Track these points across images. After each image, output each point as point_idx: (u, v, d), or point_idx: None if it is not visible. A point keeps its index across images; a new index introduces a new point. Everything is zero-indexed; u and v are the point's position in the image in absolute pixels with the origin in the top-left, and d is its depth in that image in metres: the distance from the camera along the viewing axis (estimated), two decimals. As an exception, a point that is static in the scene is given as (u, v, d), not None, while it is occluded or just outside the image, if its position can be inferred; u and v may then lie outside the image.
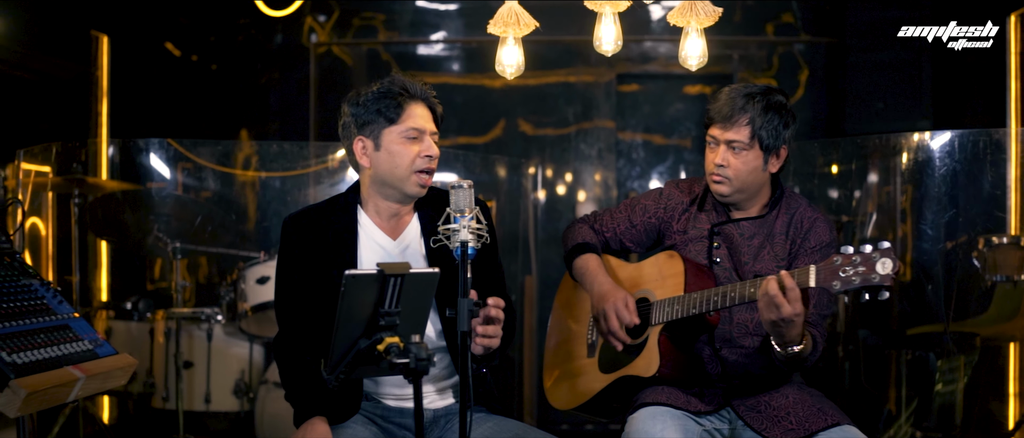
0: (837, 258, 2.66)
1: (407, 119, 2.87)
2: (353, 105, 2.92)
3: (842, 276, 2.64)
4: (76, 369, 2.87)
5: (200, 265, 6.12)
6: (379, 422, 2.97)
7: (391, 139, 2.88)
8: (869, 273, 2.60)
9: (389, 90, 2.88)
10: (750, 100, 3.10)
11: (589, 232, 3.47)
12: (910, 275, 5.78)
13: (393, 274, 2.32)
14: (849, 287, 2.63)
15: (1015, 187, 5.71)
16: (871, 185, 5.99)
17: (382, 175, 2.93)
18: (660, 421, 2.92)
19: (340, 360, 2.40)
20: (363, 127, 2.89)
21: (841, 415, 2.99)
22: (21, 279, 3.06)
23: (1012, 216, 5.74)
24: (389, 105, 2.86)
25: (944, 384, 5.34)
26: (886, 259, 2.58)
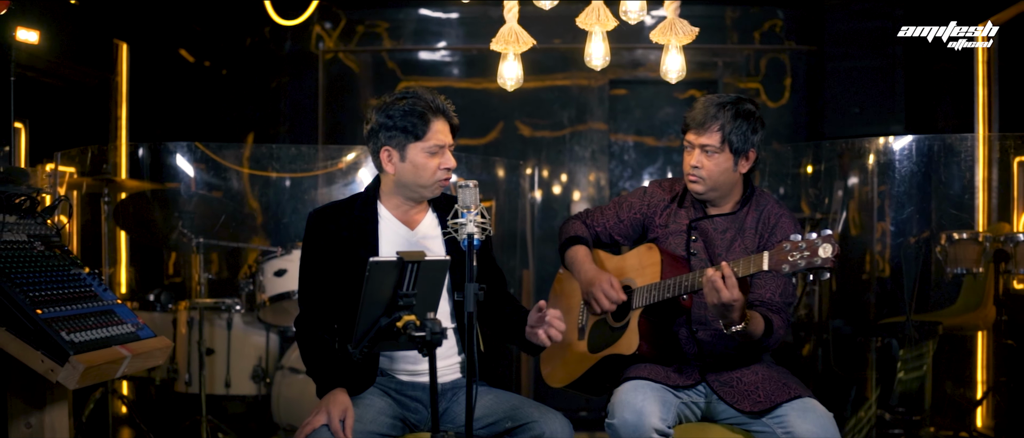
0: (786, 245, 3.00)
1: (431, 137, 3.22)
2: (381, 115, 3.24)
3: (790, 260, 2.98)
4: (123, 348, 3.17)
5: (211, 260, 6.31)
6: (393, 395, 3.31)
7: (415, 153, 3.24)
8: (813, 256, 2.94)
9: (415, 108, 3.21)
10: (721, 109, 3.44)
11: (581, 227, 3.79)
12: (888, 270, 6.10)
13: (411, 261, 2.67)
14: (796, 269, 2.98)
15: (982, 188, 6.04)
16: (841, 185, 6.26)
17: (405, 182, 3.29)
18: (641, 393, 3.24)
19: (364, 336, 2.74)
20: (390, 139, 3.23)
21: (803, 389, 3.32)
22: (71, 269, 3.35)
23: (980, 215, 6.06)
24: (416, 123, 3.20)
25: (907, 372, 5.60)
26: (827, 244, 2.93)
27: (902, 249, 5.90)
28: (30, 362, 2.92)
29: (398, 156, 3.26)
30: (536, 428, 3.14)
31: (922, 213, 5.94)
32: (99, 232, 5.43)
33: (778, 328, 3.34)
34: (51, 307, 3.03)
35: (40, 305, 2.99)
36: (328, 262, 3.31)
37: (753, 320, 3.20)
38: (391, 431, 3.21)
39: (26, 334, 2.92)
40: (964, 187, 6.03)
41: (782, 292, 3.42)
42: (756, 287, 3.41)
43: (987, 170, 6.05)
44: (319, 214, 3.38)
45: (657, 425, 3.18)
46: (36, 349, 2.91)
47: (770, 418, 3.27)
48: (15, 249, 3.16)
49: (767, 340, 3.31)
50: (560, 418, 3.22)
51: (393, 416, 3.25)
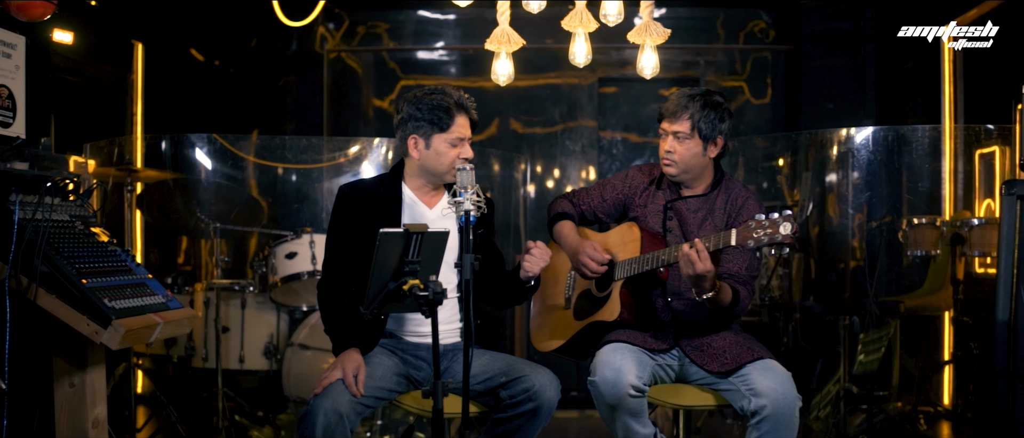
0: (751, 223, 3.36)
1: (454, 130, 3.65)
2: (412, 107, 3.66)
3: (755, 236, 3.34)
4: (156, 316, 3.49)
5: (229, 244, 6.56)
6: (399, 354, 3.72)
7: (439, 142, 3.66)
8: (775, 233, 3.31)
9: (442, 104, 3.63)
10: (691, 100, 3.81)
11: (568, 205, 4.16)
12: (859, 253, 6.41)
13: (415, 232, 3.04)
14: (760, 244, 3.34)
15: (949, 178, 6.38)
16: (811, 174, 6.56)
17: (427, 167, 3.71)
18: (620, 353, 3.59)
19: (374, 299, 3.10)
20: (418, 128, 3.66)
21: (765, 351, 3.69)
22: (108, 246, 3.67)
23: (946, 203, 6.40)
24: (442, 117, 3.63)
25: (867, 354, 5.93)
26: (787, 223, 3.29)
27: (861, 232, 6.24)
28: (77, 325, 3.22)
29: (424, 144, 3.68)
30: (527, 381, 3.54)
31: (887, 200, 6.22)
32: (120, 219, 5.73)
33: (744, 297, 3.72)
34: (94, 278, 3.32)
35: (84, 276, 3.29)
36: (353, 233, 3.69)
37: (722, 290, 3.57)
38: (397, 387, 3.62)
39: (73, 301, 3.22)
40: (928, 176, 6.30)
41: (748, 266, 3.79)
42: (725, 262, 3.77)
43: (953, 161, 6.38)
44: (349, 189, 3.77)
45: (634, 382, 3.50)
46: (82, 314, 3.21)
47: (735, 377, 3.61)
48: (60, 227, 3.45)
49: (735, 307, 3.68)
50: (549, 373, 3.61)
51: (399, 374, 3.64)
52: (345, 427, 3.35)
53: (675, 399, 3.72)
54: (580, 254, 3.94)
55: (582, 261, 3.94)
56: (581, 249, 3.95)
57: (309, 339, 5.52)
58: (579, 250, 3.95)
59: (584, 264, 3.93)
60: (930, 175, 6.37)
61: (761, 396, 3.49)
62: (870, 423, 5.62)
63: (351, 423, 3.39)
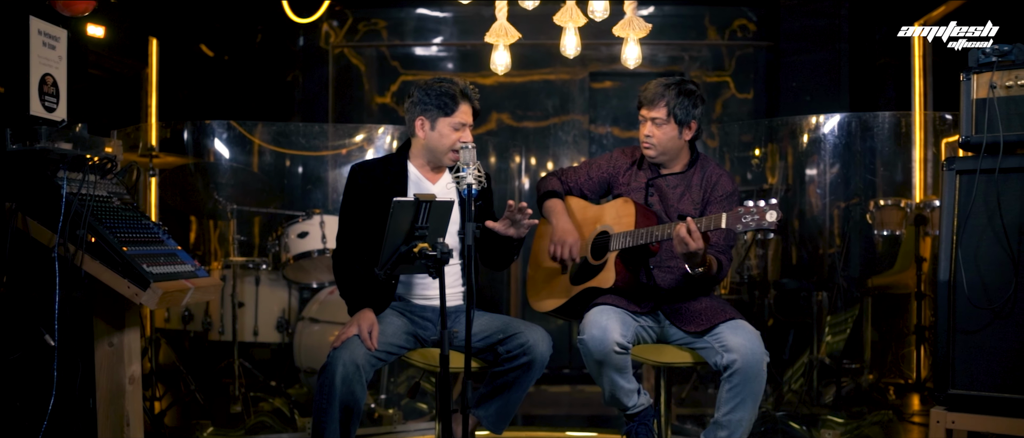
0: (741, 209, 3.68)
1: (458, 115, 4.06)
2: (421, 92, 4.06)
3: (744, 221, 3.67)
4: (187, 282, 3.81)
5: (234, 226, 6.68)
6: (408, 315, 4.11)
7: (443, 125, 4.07)
8: (762, 219, 3.65)
9: (449, 91, 4.03)
10: (667, 88, 4.15)
11: (557, 183, 4.50)
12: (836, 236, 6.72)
13: (425, 201, 3.40)
14: (747, 228, 3.68)
15: (919, 164, 6.74)
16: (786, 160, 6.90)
17: (430, 147, 4.11)
18: (606, 314, 3.92)
19: (388, 260, 3.47)
20: (425, 111, 4.07)
21: (736, 313, 4.04)
22: (142, 220, 3.99)
23: (917, 189, 6.74)
24: (447, 102, 4.04)
25: (833, 335, 6.25)
26: (772, 211, 3.63)
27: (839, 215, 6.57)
28: (119, 288, 3.54)
29: (429, 125, 4.08)
30: (522, 337, 3.94)
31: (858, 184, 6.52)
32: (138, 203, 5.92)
33: (725, 264, 4.10)
34: (132, 247, 3.64)
35: (125, 244, 3.61)
36: (364, 207, 4.06)
37: (710, 263, 3.94)
38: (406, 344, 4.01)
39: (115, 266, 3.55)
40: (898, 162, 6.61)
41: (725, 237, 4.15)
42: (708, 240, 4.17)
43: (923, 150, 6.73)
44: (360, 168, 4.16)
45: (619, 339, 3.84)
46: (123, 278, 3.54)
47: (710, 336, 3.96)
48: (102, 202, 3.78)
49: (719, 275, 4.07)
50: (541, 330, 4.01)
51: (408, 332, 4.03)
52: (361, 376, 3.74)
53: (656, 357, 4.04)
54: (563, 240, 4.28)
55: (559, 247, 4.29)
56: (565, 238, 4.29)
57: (319, 313, 5.79)
58: (564, 238, 4.29)
59: (561, 250, 4.28)
60: (900, 161, 6.65)
61: (732, 352, 3.83)
62: (840, 394, 5.95)
63: (366, 373, 3.77)
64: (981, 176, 3.82)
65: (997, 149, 3.78)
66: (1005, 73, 3.80)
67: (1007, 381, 3.75)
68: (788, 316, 6.32)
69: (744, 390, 3.84)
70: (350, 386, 3.71)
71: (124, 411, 3.89)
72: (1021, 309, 3.73)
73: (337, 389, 3.70)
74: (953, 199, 3.86)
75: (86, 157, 3.79)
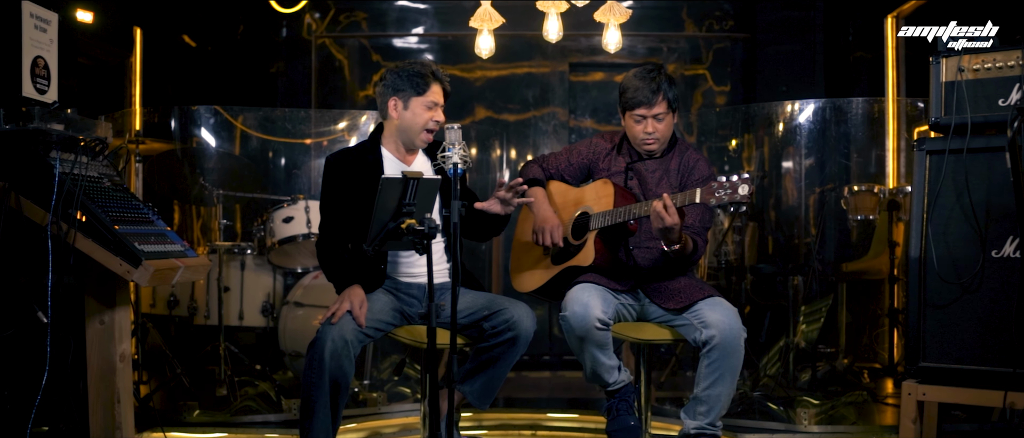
0: (714, 184, 3.77)
1: (430, 94, 4.15)
2: (393, 75, 4.15)
3: (717, 195, 3.75)
4: (177, 261, 3.86)
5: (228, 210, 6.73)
6: (394, 293, 4.19)
7: (416, 105, 4.15)
8: (734, 194, 3.73)
9: (421, 72, 4.13)
10: (655, 80, 4.19)
11: (538, 169, 4.58)
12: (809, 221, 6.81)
13: (412, 178, 3.48)
14: (721, 203, 3.77)
15: (892, 152, 6.85)
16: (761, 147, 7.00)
17: (404, 127, 4.19)
18: (587, 292, 4.02)
19: (376, 236, 3.53)
20: (398, 92, 4.15)
21: (714, 291, 4.15)
22: (132, 200, 4.03)
23: (890, 179, 6.83)
24: (419, 82, 4.13)
25: (808, 324, 6.35)
26: (744, 185, 3.72)
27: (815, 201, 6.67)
28: (111, 265, 3.58)
29: (402, 105, 4.16)
30: (506, 313, 4.03)
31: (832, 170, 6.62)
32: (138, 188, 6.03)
33: (701, 246, 4.17)
34: (124, 226, 3.69)
35: (116, 223, 3.65)
36: (343, 194, 4.14)
37: (686, 242, 4.02)
38: (393, 320, 4.10)
39: (107, 244, 3.59)
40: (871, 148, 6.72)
41: (701, 218, 4.24)
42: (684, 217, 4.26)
43: (896, 139, 6.84)
44: (335, 157, 4.24)
45: (600, 316, 3.93)
46: (115, 255, 3.58)
47: (689, 313, 4.06)
48: (93, 182, 3.82)
49: (694, 256, 4.14)
50: (525, 307, 4.09)
51: (395, 309, 4.12)
52: (349, 351, 3.82)
53: (636, 334, 4.13)
54: (546, 227, 4.36)
55: (542, 234, 4.37)
56: (547, 225, 4.36)
57: (304, 298, 5.81)
58: (546, 224, 4.36)
59: (543, 236, 4.36)
60: (874, 149, 6.74)
61: (710, 327, 3.93)
62: (816, 377, 6.06)
63: (354, 349, 3.84)
64: (950, 156, 3.95)
65: (965, 130, 3.91)
66: (973, 57, 3.91)
67: (975, 354, 3.87)
68: (764, 300, 6.41)
69: (723, 365, 3.94)
70: (339, 361, 3.79)
71: (115, 388, 3.95)
72: (988, 284, 3.86)
73: (326, 363, 3.77)
74: (923, 178, 3.99)
75: (78, 138, 3.84)
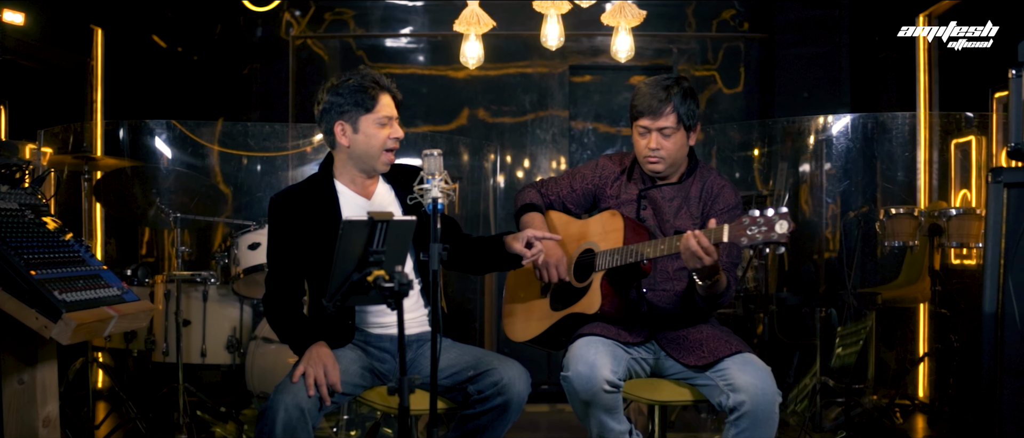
0: (745, 219, 3.21)
1: (380, 109, 3.53)
2: (333, 94, 3.54)
3: (749, 234, 3.19)
4: (110, 309, 3.36)
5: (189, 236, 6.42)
6: (363, 347, 3.58)
7: (367, 125, 3.54)
8: (770, 232, 3.16)
9: (362, 84, 3.51)
10: (669, 90, 3.69)
11: (536, 195, 4.04)
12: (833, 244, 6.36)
13: (380, 220, 2.90)
14: (754, 243, 3.20)
15: (924, 167, 6.32)
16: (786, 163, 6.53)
17: (358, 153, 3.58)
18: (594, 347, 3.48)
19: (337, 290, 2.97)
20: (342, 114, 3.53)
21: (743, 345, 3.59)
22: (60, 236, 3.53)
23: (922, 193, 6.34)
24: (365, 97, 3.51)
25: (845, 347, 5.86)
26: (783, 221, 3.14)
27: (837, 223, 6.17)
28: (25, 319, 3.09)
29: (351, 129, 3.55)
30: (495, 374, 3.42)
31: (864, 189, 6.18)
32: (78, 208, 5.57)
33: (732, 285, 3.62)
34: (44, 269, 3.19)
35: (33, 267, 3.15)
36: (295, 240, 3.56)
37: (721, 276, 3.46)
38: (361, 381, 3.48)
39: (21, 294, 3.08)
40: (905, 165, 6.26)
41: (729, 254, 3.69)
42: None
43: (928, 151, 6.32)
44: (281, 198, 3.64)
45: (608, 377, 3.39)
46: (31, 307, 3.07)
47: (713, 371, 3.51)
48: (8, 216, 3.33)
49: (725, 297, 3.58)
50: (517, 366, 3.49)
51: (363, 366, 3.51)
52: (306, 423, 3.22)
53: (651, 394, 3.62)
54: (549, 264, 3.83)
55: (548, 270, 3.82)
56: (549, 260, 3.83)
57: (273, 332, 5.33)
58: (547, 262, 3.83)
59: (547, 270, 3.81)
60: (907, 164, 6.32)
61: (740, 391, 3.39)
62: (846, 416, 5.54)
63: (313, 419, 3.26)
64: (1033, 190, 3.30)
65: (1052, 159, 3.28)
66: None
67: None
68: (791, 337, 5.88)
69: (753, 436, 3.40)
70: (293, 434, 3.18)
71: (37, 457, 3.49)
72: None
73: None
74: (1000, 217, 3.32)
75: (-13, 166, 3.37)
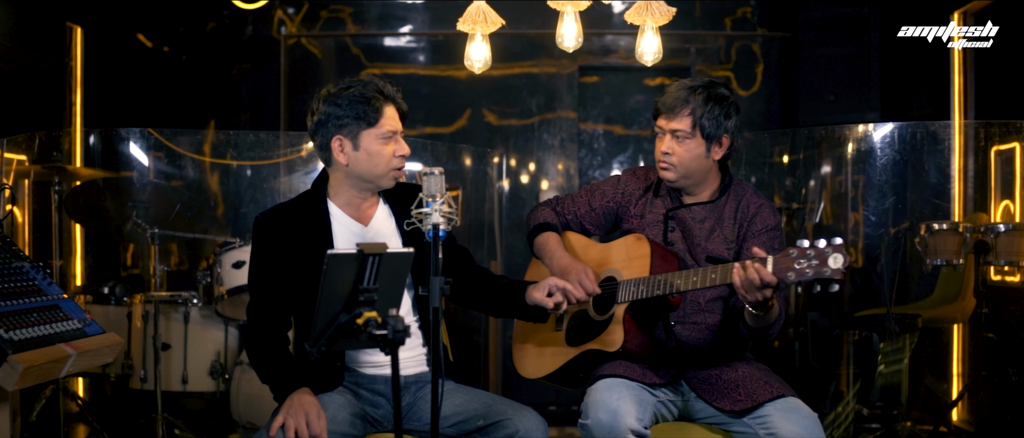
0: (792, 251, 2.84)
1: (384, 123, 3.13)
2: (330, 105, 3.13)
3: (796, 268, 2.82)
4: (68, 346, 3.05)
5: (171, 251, 6.19)
6: (354, 390, 3.17)
7: (369, 141, 3.13)
8: (821, 266, 2.79)
9: (364, 94, 3.11)
10: (693, 92, 3.34)
11: (551, 214, 3.66)
12: (861, 261, 6.03)
13: (371, 253, 2.50)
14: (802, 279, 2.81)
15: (958, 176, 5.95)
16: (820, 174, 6.22)
17: (360, 172, 3.17)
18: (616, 392, 3.12)
19: (322, 333, 2.57)
20: (341, 128, 3.12)
21: (786, 387, 3.20)
22: (13, 261, 3.23)
23: (956, 204, 5.97)
24: (367, 110, 3.10)
25: (887, 365, 5.52)
26: (838, 254, 2.76)
27: (883, 240, 5.83)
28: None
29: (351, 145, 3.15)
30: (510, 426, 3.03)
31: (900, 203, 5.89)
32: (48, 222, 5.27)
33: (783, 312, 3.26)
34: None
35: None
36: (280, 268, 3.17)
37: (775, 302, 3.08)
38: (351, 430, 3.06)
39: None
40: (941, 176, 5.95)
41: None
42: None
43: (963, 159, 5.98)
44: (266, 218, 3.23)
45: (633, 425, 3.06)
46: None
47: (752, 418, 3.16)
48: None
49: (775, 327, 3.22)
50: (534, 416, 3.10)
51: (353, 413, 3.10)
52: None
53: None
54: (568, 277, 3.40)
55: (568, 289, 3.36)
56: (571, 271, 3.41)
57: None
58: (569, 272, 3.41)
59: (570, 292, 3.37)
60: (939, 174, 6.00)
61: (783, 443, 3.02)
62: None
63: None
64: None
65: None
66: None
67: None
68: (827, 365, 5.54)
69: None
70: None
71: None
72: None
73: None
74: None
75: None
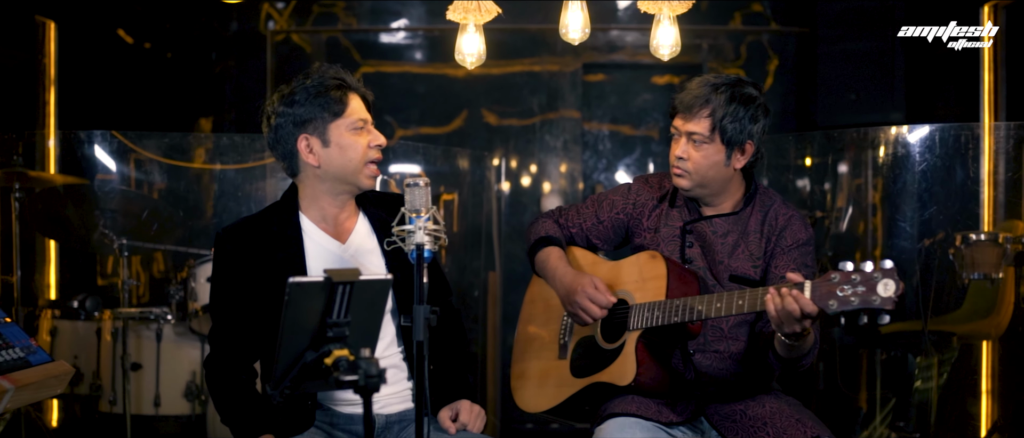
0: (834, 275, 2.50)
1: (351, 110, 2.81)
2: (286, 104, 2.82)
3: (839, 295, 2.48)
4: (5, 379, 2.74)
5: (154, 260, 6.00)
6: (329, 430, 2.83)
7: (339, 133, 2.80)
8: (869, 294, 2.44)
9: (324, 84, 2.80)
10: (714, 91, 3.00)
11: (553, 226, 3.34)
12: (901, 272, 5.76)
13: (341, 281, 2.14)
14: (846, 308, 2.46)
15: (988, 182, 5.66)
16: (846, 179, 5.97)
17: (334, 171, 2.83)
18: (629, 433, 2.82)
19: (285, 374, 2.22)
20: (305, 125, 2.79)
21: (821, 426, 2.87)
22: None
23: (986, 211, 5.67)
24: (329, 100, 2.78)
25: (922, 382, 5.27)
26: (888, 280, 2.41)
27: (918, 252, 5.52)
28: None
29: (319, 142, 2.82)
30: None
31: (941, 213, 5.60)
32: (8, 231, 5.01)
33: (817, 340, 2.92)
34: None
35: None
36: (244, 291, 2.82)
37: (808, 330, 2.72)
38: (325, 475, 2.70)
39: None
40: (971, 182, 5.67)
41: None
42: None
43: (993, 163, 5.67)
44: (229, 233, 2.90)
45: None
46: None
47: None
48: None
49: (809, 356, 2.87)
50: None
51: (328, 457, 2.74)
52: None
53: None
54: (576, 295, 3.05)
55: (580, 305, 3.03)
56: (578, 287, 3.05)
57: None
58: (575, 288, 3.06)
59: (584, 308, 3.03)
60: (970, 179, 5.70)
61: (818, 491, 2.70)
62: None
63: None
64: None
65: None
66: None
67: None
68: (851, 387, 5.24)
69: None
70: None
71: None
72: None
73: None
74: None
75: None
